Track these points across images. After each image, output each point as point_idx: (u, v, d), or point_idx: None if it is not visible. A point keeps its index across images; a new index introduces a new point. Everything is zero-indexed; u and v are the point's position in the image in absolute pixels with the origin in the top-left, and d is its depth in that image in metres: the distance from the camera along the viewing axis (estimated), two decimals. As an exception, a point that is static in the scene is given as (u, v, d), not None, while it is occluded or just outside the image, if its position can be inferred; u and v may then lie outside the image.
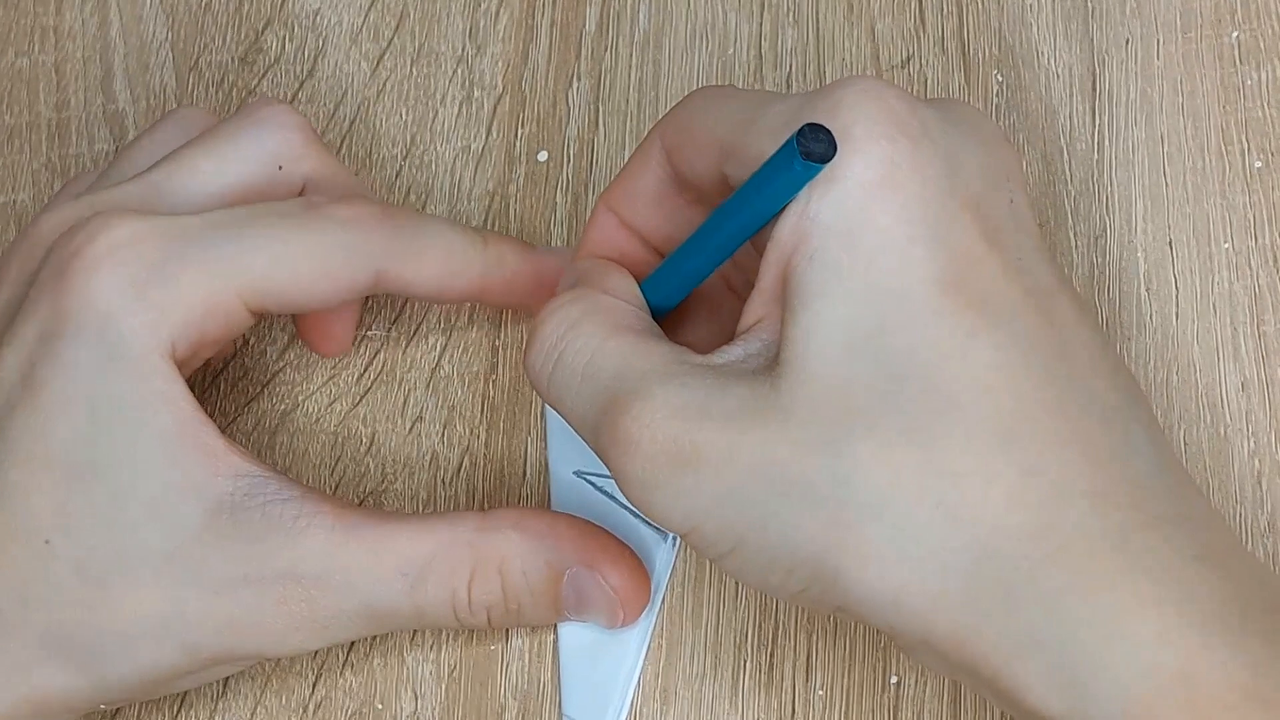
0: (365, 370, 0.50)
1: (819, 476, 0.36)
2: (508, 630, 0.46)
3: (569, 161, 0.52)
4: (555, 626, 0.46)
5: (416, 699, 0.46)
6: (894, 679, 0.44)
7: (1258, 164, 0.48)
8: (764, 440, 0.37)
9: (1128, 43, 0.50)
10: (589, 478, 0.47)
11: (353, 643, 0.47)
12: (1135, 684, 0.34)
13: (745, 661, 0.45)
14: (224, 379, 0.50)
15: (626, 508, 0.46)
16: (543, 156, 0.52)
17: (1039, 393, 0.36)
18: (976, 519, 0.35)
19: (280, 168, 0.46)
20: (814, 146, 0.36)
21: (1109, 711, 0.34)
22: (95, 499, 0.41)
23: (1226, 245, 0.48)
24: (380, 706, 0.46)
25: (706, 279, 0.42)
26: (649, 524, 0.46)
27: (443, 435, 0.49)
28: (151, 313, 0.42)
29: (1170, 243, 0.48)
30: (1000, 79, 0.50)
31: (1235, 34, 0.50)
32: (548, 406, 0.48)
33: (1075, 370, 0.37)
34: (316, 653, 0.47)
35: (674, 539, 0.46)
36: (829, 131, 0.36)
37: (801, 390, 0.37)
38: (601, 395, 0.39)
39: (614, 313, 0.41)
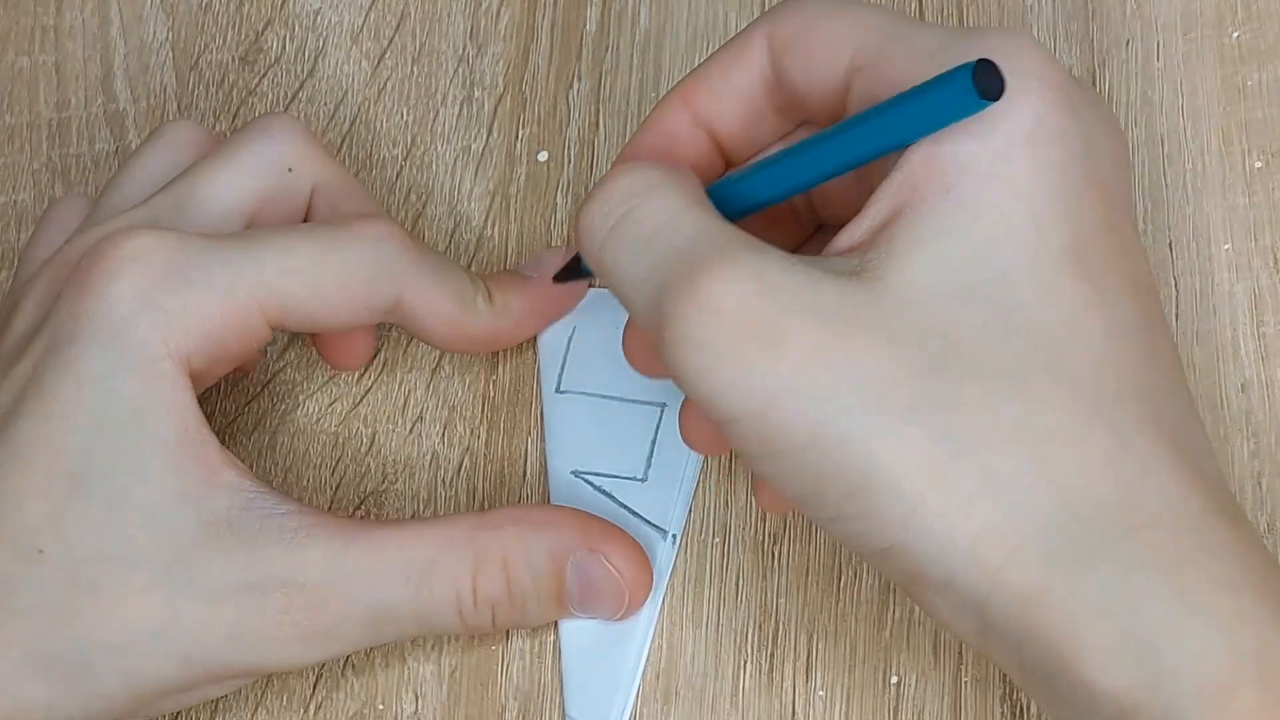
0: (365, 370, 0.50)
1: (922, 399, 0.35)
2: (508, 630, 0.46)
3: (570, 162, 0.52)
4: (557, 627, 0.46)
5: (417, 699, 0.46)
6: (894, 679, 0.44)
7: (1258, 165, 0.48)
8: (867, 348, 0.36)
9: (1128, 43, 0.50)
10: (587, 477, 0.47)
11: (353, 643, 0.47)
12: (1212, 659, 0.34)
13: (746, 662, 0.45)
14: (225, 379, 0.50)
15: (626, 506, 0.47)
16: (543, 157, 0.52)
17: (1138, 377, 0.36)
18: (1069, 480, 0.35)
19: (290, 170, 0.46)
20: (987, 84, 0.35)
21: (1182, 684, 0.33)
22: (91, 505, 0.41)
23: (1227, 246, 0.48)
24: (381, 707, 0.46)
25: (790, 197, 0.41)
26: (649, 522, 0.46)
27: (443, 435, 0.49)
28: (166, 320, 0.42)
29: (1170, 244, 0.48)
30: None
31: (1236, 34, 0.49)
32: (547, 405, 0.48)
33: (1162, 367, 0.37)
34: (317, 653, 0.47)
35: (674, 537, 0.46)
36: (1000, 72, 0.35)
37: (914, 314, 0.36)
38: (674, 256, 0.37)
39: (695, 190, 0.39)
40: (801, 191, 0.40)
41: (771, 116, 0.43)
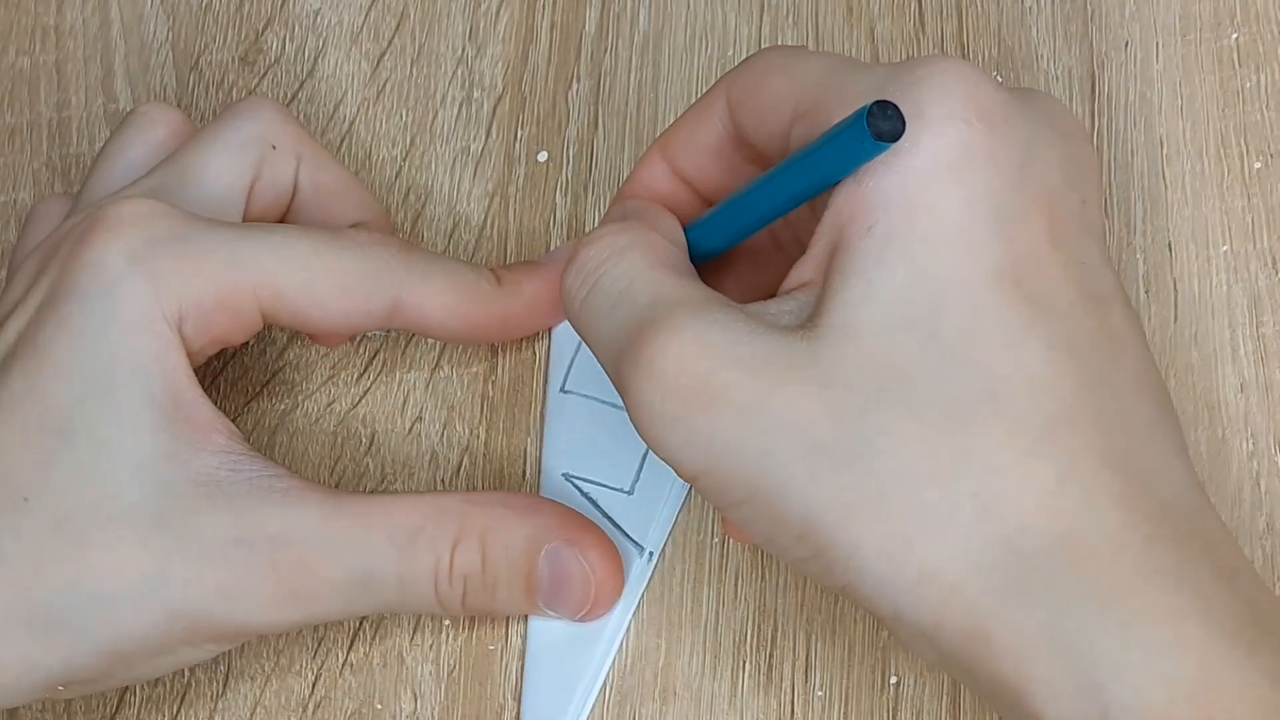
0: (365, 370, 0.50)
1: (854, 443, 0.35)
2: (507, 630, 0.46)
3: (569, 162, 0.52)
4: (526, 625, 0.46)
5: (416, 699, 0.46)
6: (893, 679, 0.44)
7: (1257, 166, 0.48)
8: (798, 396, 0.36)
9: (1127, 45, 0.50)
10: (576, 481, 0.47)
11: (351, 642, 0.47)
12: (1154, 690, 0.34)
13: (745, 662, 0.45)
14: (224, 379, 0.50)
15: (609, 517, 0.46)
16: (542, 157, 0.52)
17: (1084, 397, 0.36)
18: (1006, 515, 0.35)
19: (274, 147, 0.46)
20: (884, 125, 0.35)
21: (1124, 717, 0.33)
22: (80, 457, 0.41)
23: (1225, 248, 0.48)
24: (380, 706, 0.46)
25: (753, 234, 0.42)
26: (629, 536, 0.46)
27: (442, 435, 0.49)
28: (160, 280, 0.42)
29: (1169, 245, 0.48)
30: (1000, 81, 0.50)
31: (1234, 36, 0.50)
32: (550, 402, 0.48)
33: (1121, 380, 0.37)
34: (315, 652, 0.47)
35: (651, 554, 0.46)
36: (898, 109, 0.36)
37: (846, 356, 0.36)
38: (630, 322, 0.38)
39: (659, 249, 0.40)
40: (749, 234, 0.42)
41: (742, 168, 0.44)
